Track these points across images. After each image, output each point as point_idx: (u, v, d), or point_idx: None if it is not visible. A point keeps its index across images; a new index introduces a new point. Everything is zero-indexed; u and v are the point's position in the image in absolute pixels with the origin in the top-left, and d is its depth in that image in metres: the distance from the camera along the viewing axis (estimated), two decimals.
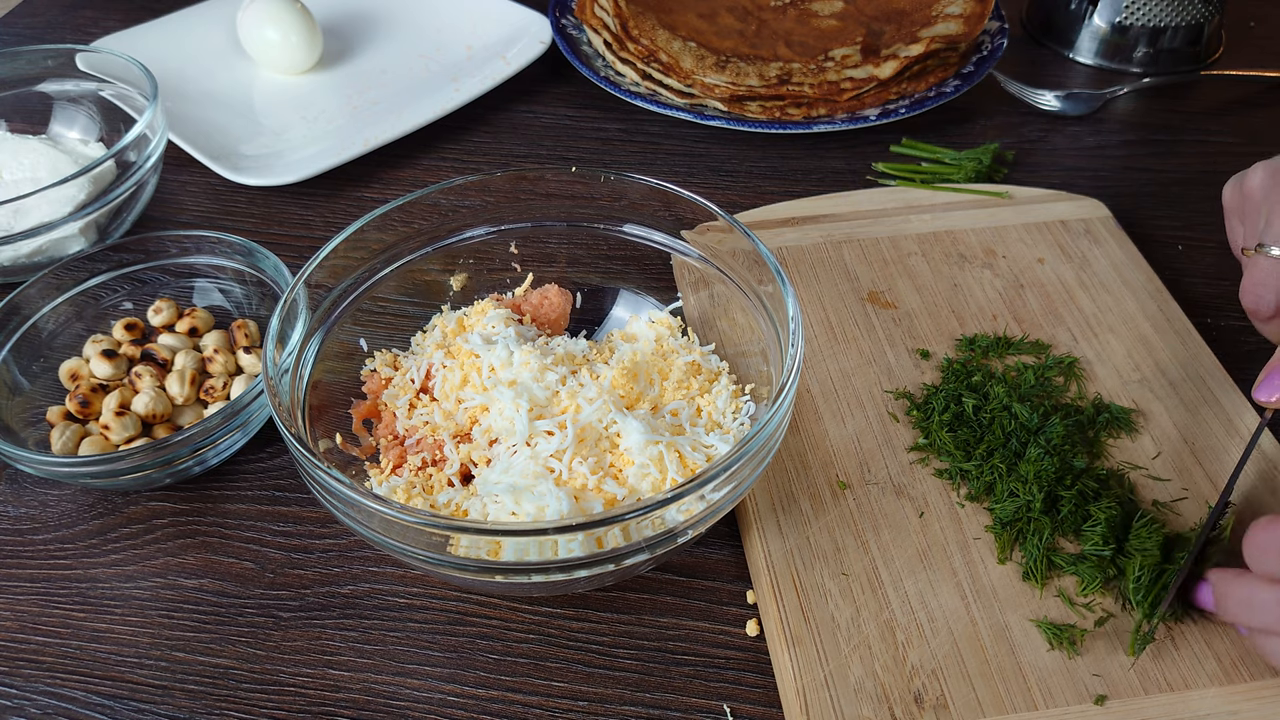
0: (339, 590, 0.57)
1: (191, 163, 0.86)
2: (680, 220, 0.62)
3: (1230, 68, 0.96)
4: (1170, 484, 0.58)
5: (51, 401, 0.65)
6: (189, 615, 0.57)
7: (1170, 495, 0.57)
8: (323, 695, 0.53)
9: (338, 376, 0.61)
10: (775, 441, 0.51)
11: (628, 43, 0.90)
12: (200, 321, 0.69)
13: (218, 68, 0.97)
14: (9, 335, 0.65)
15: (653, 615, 0.56)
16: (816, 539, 0.56)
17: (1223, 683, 0.49)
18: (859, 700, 0.49)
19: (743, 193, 0.84)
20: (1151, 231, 0.77)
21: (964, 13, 0.91)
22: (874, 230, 0.76)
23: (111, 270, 0.70)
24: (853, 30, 0.93)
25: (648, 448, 0.54)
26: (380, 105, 0.93)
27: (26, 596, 0.58)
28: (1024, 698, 0.49)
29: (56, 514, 0.62)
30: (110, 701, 0.53)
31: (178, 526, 0.61)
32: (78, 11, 1.11)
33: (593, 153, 0.90)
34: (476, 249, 0.66)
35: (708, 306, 0.65)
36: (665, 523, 0.48)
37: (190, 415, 0.65)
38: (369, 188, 0.86)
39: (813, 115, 0.87)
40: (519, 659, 0.54)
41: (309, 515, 0.61)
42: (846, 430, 0.62)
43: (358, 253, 0.61)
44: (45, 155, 0.79)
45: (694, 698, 0.52)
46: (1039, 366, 0.64)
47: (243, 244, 0.68)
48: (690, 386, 0.59)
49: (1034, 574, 0.53)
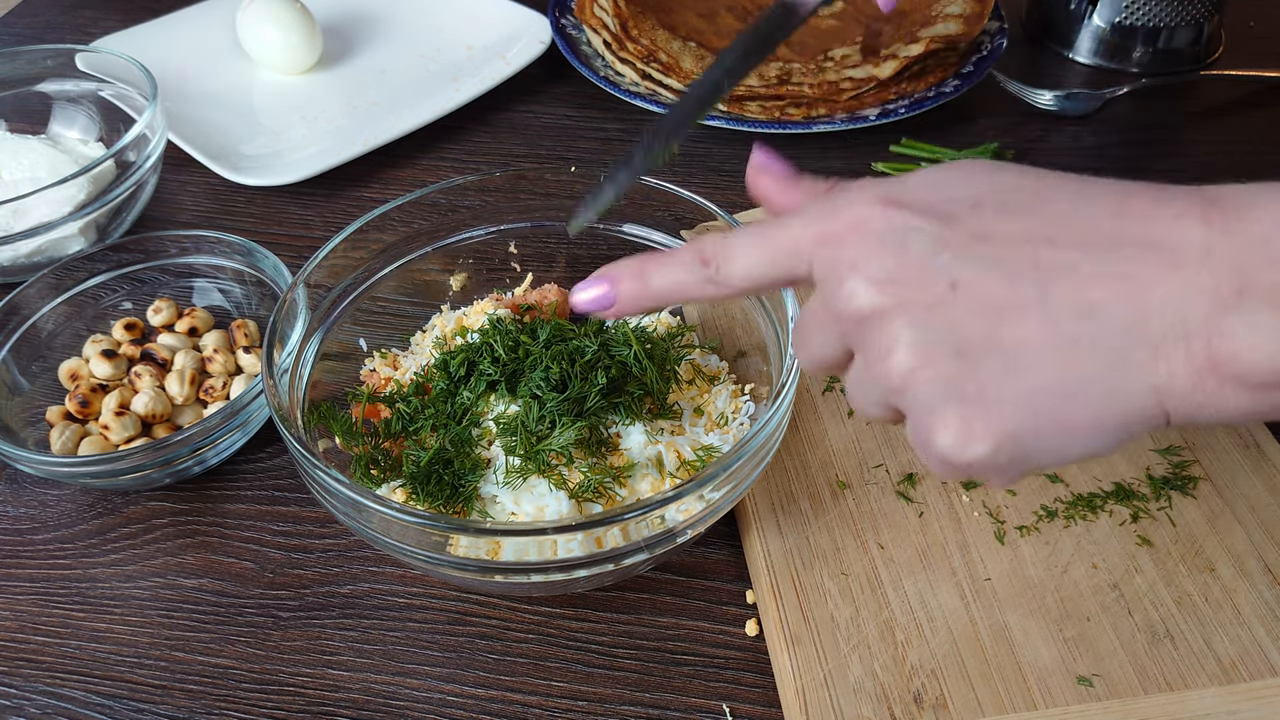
0: (339, 590, 0.57)
1: (191, 163, 0.86)
2: (680, 220, 0.62)
3: (1230, 68, 0.96)
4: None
5: (51, 401, 0.65)
6: (189, 615, 0.57)
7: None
8: (322, 695, 0.53)
9: (338, 376, 0.61)
10: (775, 441, 0.51)
11: (627, 43, 0.90)
12: (200, 321, 0.69)
13: (218, 68, 0.97)
14: (9, 335, 0.65)
15: (652, 615, 0.56)
16: (816, 539, 0.56)
17: (1222, 683, 0.49)
18: (858, 700, 0.49)
19: (743, 193, 0.84)
20: None
21: (964, 13, 0.91)
22: None
23: (111, 270, 0.70)
24: (852, 30, 0.93)
25: (648, 448, 0.54)
26: (380, 105, 0.93)
27: (26, 596, 0.58)
28: (1023, 697, 0.49)
29: (56, 514, 0.62)
30: (110, 701, 0.53)
31: (177, 526, 0.61)
32: (77, 11, 1.11)
33: (593, 153, 0.90)
34: (476, 249, 0.66)
35: (708, 306, 0.65)
36: (665, 523, 0.48)
37: (190, 415, 0.65)
38: (369, 188, 0.86)
39: (813, 115, 0.87)
40: (519, 659, 0.54)
41: (309, 515, 0.61)
42: (846, 430, 0.62)
43: (357, 253, 0.61)
44: (45, 155, 0.79)
45: (694, 697, 0.52)
46: None
47: (242, 244, 0.68)
48: (690, 386, 0.59)
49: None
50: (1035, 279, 0.34)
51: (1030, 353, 0.34)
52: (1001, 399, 0.35)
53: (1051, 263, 0.34)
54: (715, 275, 0.41)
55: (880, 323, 0.36)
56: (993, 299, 0.35)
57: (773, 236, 0.40)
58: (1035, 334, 0.34)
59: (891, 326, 0.36)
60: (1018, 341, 0.34)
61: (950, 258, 0.35)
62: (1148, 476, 0.59)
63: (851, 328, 0.37)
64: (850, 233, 0.37)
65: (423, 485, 0.53)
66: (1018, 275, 0.35)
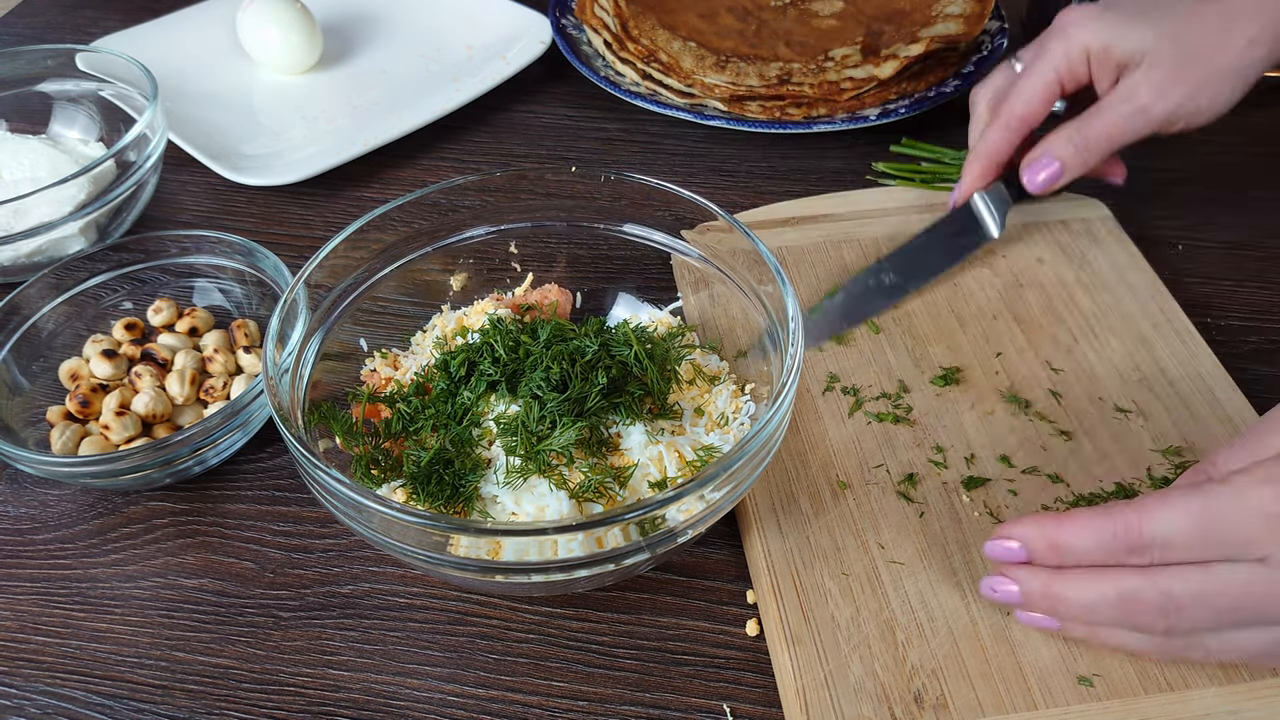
0: (339, 590, 0.57)
1: (191, 163, 0.86)
2: (680, 220, 0.63)
3: None
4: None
5: (51, 401, 0.65)
6: (189, 615, 0.57)
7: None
8: (323, 695, 0.53)
9: (338, 376, 0.61)
10: (775, 441, 0.51)
11: (628, 43, 0.90)
12: (200, 321, 0.69)
13: (218, 68, 0.97)
14: (9, 335, 0.65)
15: (653, 615, 0.56)
16: (816, 539, 0.56)
17: (1223, 683, 0.49)
18: (859, 700, 0.49)
19: (743, 193, 0.84)
20: (1151, 231, 0.77)
21: (964, 13, 0.91)
22: (874, 230, 0.76)
23: (111, 270, 0.70)
24: (853, 30, 0.93)
25: (648, 448, 0.54)
26: (380, 105, 0.93)
27: (26, 596, 0.58)
28: (1024, 697, 0.49)
29: (56, 514, 0.62)
30: (110, 701, 0.53)
31: (178, 526, 0.61)
32: (78, 11, 1.11)
33: (593, 153, 0.90)
34: (476, 249, 0.66)
35: (708, 306, 0.65)
36: (665, 523, 0.48)
37: (190, 415, 0.65)
38: (369, 188, 0.86)
39: (813, 115, 0.87)
40: (519, 659, 0.54)
41: (309, 515, 0.61)
42: (846, 430, 0.62)
43: (358, 253, 0.61)
44: (45, 155, 0.79)
45: (694, 697, 0.52)
46: None
47: (243, 244, 0.68)
48: (691, 386, 0.59)
49: None
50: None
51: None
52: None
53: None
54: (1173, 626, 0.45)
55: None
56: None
57: (1213, 509, 0.43)
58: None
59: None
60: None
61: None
62: (1149, 476, 0.59)
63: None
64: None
65: (423, 485, 0.53)
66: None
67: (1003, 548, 0.48)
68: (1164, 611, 0.44)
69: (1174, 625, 0.44)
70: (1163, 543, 0.43)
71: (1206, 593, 0.43)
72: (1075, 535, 0.45)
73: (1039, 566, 0.47)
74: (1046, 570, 0.47)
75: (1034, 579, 0.47)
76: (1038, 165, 0.67)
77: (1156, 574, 0.44)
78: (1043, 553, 0.47)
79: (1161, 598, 0.44)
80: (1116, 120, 0.65)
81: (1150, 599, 0.44)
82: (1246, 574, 0.42)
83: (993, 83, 0.71)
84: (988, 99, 0.70)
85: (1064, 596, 0.46)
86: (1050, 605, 0.47)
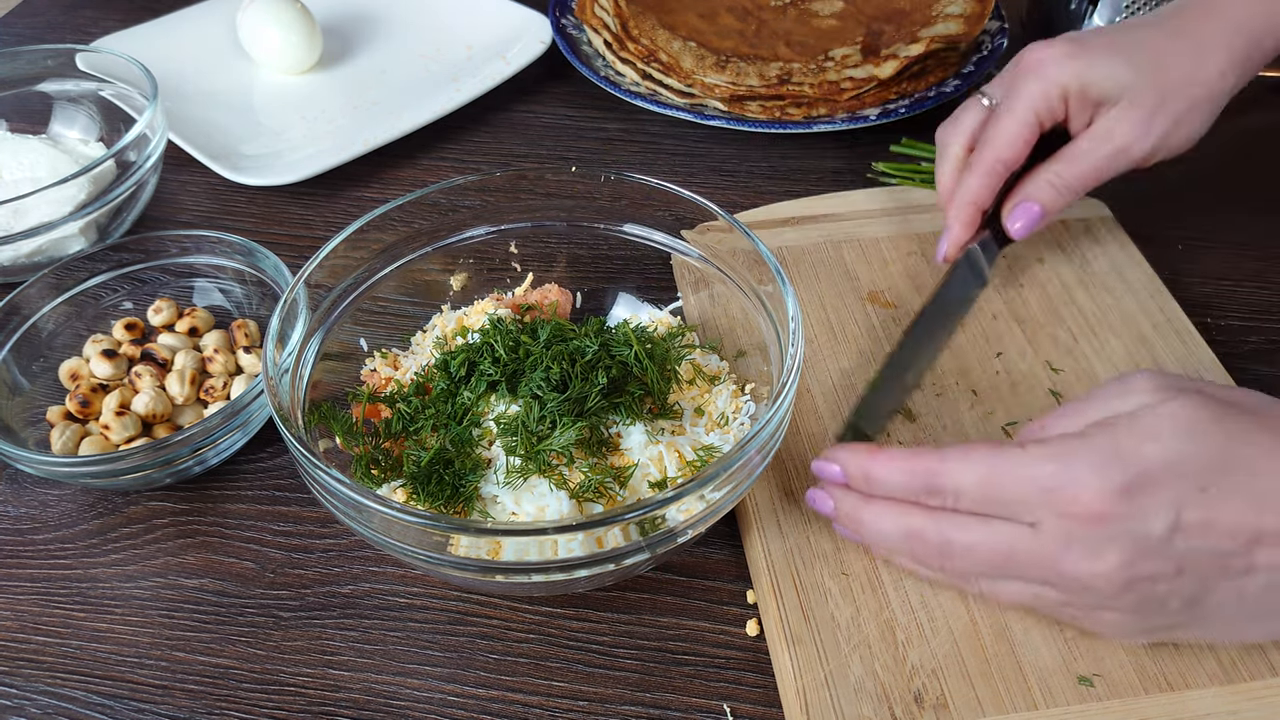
0: (339, 590, 0.57)
1: (191, 162, 0.86)
2: (680, 220, 0.63)
3: None
4: None
5: (51, 401, 0.65)
6: (189, 615, 0.57)
7: None
8: (323, 695, 0.53)
9: (338, 376, 0.61)
10: (775, 441, 0.51)
11: (628, 42, 0.90)
12: (200, 321, 0.69)
13: (218, 68, 0.97)
14: (9, 335, 0.65)
15: (653, 615, 0.56)
16: (816, 539, 0.56)
17: (1222, 682, 0.49)
18: (859, 700, 0.49)
19: (743, 193, 0.84)
20: (1151, 231, 0.77)
21: (964, 13, 0.91)
22: (874, 230, 0.76)
23: (111, 270, 0.70)
24: (853, 30, 0.93)
25: (648, 448, 0.54)
26: (380, 105, 0.93)
27: (26, 596, 0.58)
28: (1024, 697, 0.49)
29: (56, 514, 0.62)
30: (110, 701, 0.53)
31: (178, 526, 0.61)
32: (78, 11, 1.11)
33: (593, 153, 0.90)
34: (476, 249, 0.66)
35: (708, 306, 0.65)
36: (665, 523, 0.48)
37: (190, 415, 0.65)
38: (369, 188, 0.86)
39: (813, 115, 0.87)
40: (519, 659, 0.54)
41: (309, 515, 0.61)
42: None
43: (358, 253, 0.61)
44: (45, 155, 0.79)
45: (694, 697, 0.52)
46: None
47: (243, 244, 0.68)
48: (691, 386, 0.59)
49: None
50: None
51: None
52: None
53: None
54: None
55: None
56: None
57: (1001, 471, 0.47)
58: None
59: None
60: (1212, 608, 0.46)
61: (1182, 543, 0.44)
62: None
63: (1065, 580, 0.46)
64: (1090, 521, 0.44)
65: (423, 485, 0.53)
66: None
67: (826, 468, 0.52)
68: (942, 553, 0.48)
69: (948, 566, 0.49)
70: (954, 491, 0.47)
71: (979, 545, 0.47)
72: (884, 470, 0.49)
73: (853, 490, 0.51)
74: (857, 495, 0.51)
75: (846, 500, 0.51)
76: (1020, 211, 0.65)
77: (941, 519, 0.48)
78: (857, 479, 0.51)
79: (941, 541, 0.48)
80: (1096, 163, 0.64)
81: (931, 540, 0.48)
82: (1015, 535, 0.46)
83: (963, 123, 0.68)
84: (962, 140, 0.68)
85: (864, 521, 0.50)
86: (855, 527, 0.51)
